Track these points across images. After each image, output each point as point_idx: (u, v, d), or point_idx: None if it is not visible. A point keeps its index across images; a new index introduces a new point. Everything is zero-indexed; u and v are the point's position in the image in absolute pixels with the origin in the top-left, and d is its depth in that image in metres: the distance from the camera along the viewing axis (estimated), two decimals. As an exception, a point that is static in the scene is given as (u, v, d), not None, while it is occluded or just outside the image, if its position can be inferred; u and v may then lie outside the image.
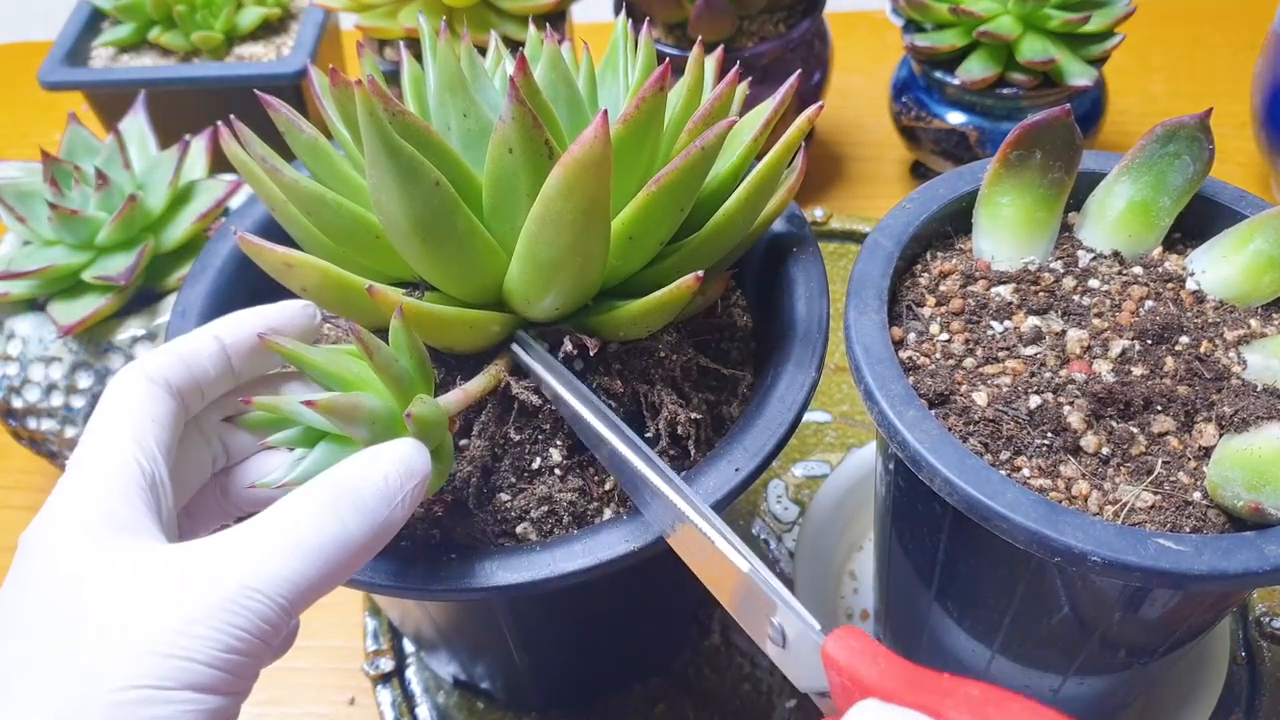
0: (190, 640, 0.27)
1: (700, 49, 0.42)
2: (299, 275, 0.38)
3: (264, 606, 0.29)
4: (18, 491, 0.71)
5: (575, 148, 0.33)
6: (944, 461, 0.36)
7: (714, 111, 0.39)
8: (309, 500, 0.31)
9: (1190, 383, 0.39)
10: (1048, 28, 0.72)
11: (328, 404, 0.32)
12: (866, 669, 0.27)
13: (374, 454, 0.32)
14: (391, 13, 0.73)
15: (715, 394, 0.43)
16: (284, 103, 0.39)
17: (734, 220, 0.40)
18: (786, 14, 0.79)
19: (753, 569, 0.31)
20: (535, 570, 0.36)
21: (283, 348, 0.34)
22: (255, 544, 0.29)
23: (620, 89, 0.43)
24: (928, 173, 0.87)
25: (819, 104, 0.42)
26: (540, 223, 0.35)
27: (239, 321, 0.36)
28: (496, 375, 0.39)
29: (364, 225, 0.38)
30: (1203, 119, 0.42)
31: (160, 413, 0.33)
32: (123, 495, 0.30)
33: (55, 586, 0.28)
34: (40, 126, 0.99)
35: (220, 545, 0.30)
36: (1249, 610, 0.57)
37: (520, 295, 0.38)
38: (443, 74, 0.38)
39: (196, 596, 0.28)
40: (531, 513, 0.39)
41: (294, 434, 0.35)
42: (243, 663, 0.28)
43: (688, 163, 0.35)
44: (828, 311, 0.43)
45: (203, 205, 0.61)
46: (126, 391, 0.33)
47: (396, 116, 0.34)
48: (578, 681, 0.57)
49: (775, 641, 0.31)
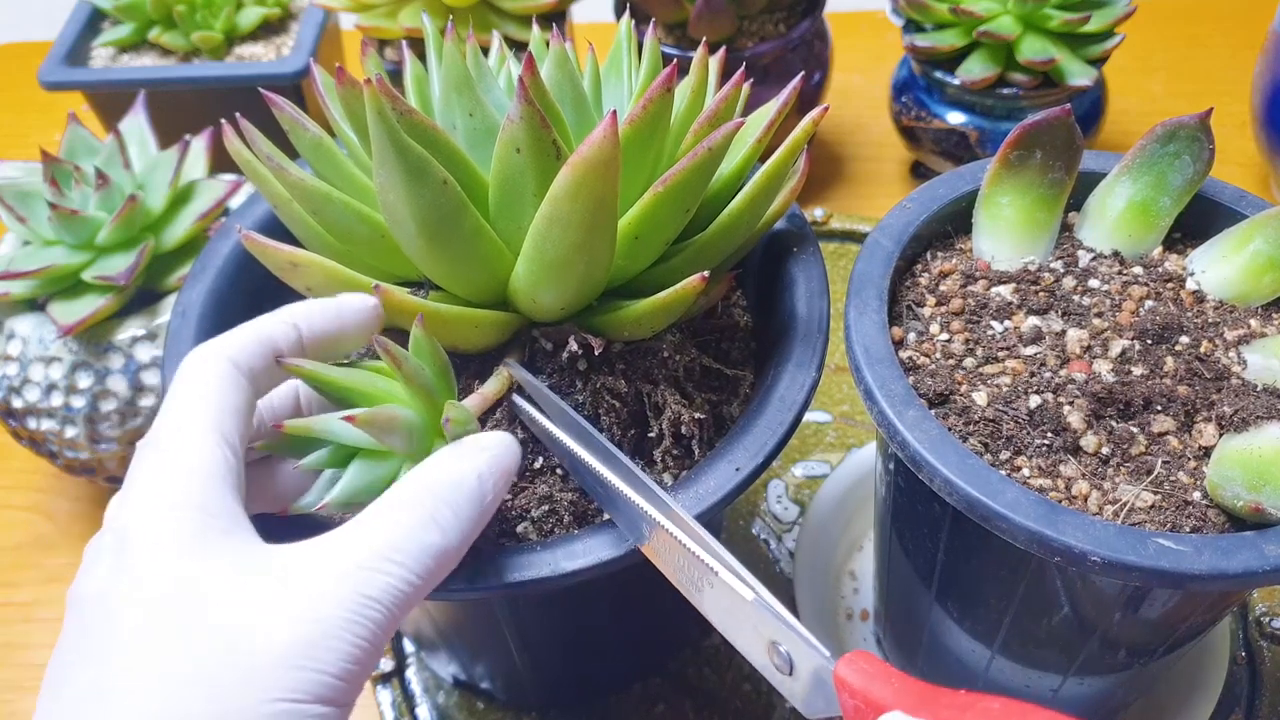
0: (321, 652, 0.27)
1: (705, 50, 0.42)
2: (304, 275, 0.38)
3: (380, 615, 0.28)
4: (18, 491, 0.71)
5: (584, 148, 0.33)
6: (944, 461, 0.36)
7: (720, 113, 0.39)
8: (414, 504, 0.30)
9: (1190, 383, 0.39)
10: (1048, 28, 0.72)
11: (368, 417, 0.32)
12: (881, 690, 0.27)
13: (467, 451, 0.32)
14: (392, 13, 0.73)
15: (717, 394, 0.43)
16: (288, 101, 0.39)
17: (739, 221, 0.40)
18: (786, 14, 0.79)
19: (758, 598, 0.31)
20: (535, 570, 0.36)
21: (301, 369, 0.34)
22: (371, 551, 0.29)
23: (625, 90, 0.43)
24: (928, 173, 0.87)
25: (824, 106, 0.42)
26: (548, 222, 0.35)
27: (320, 311, 0.35)
28: (509, 377, 0.39)
29: (369, 224, 0.38)
30: (1203, 119, 0.42)
31: (240, 403, 0.32)
32: (218, 490, 0.30)
33: (168, 586, 0.28)
34: (40, 126, 0.99)
35: (336, 551, 0.29)
36: (1249, 610, 0.57)
37: (526, 295, 0.38)
38: (449, 73, 0.38)
39: (323, 607, 0.28)
40: (532, 512, 0.39)
41: (325, 454, 0.34)
42: (360, 672, 0.28)
43: (695, 163, 0.35)
44: (828, 311, 0.43)
45: (203, 205, 0.61)
46: (208, 375, 0.32)
47: (404, 116, 0.34)
48: (578, 681, 0.57)
49: (781, 669, 0.31)
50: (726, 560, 0.32)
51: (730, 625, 0.32)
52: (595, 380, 0.40)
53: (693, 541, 0.33)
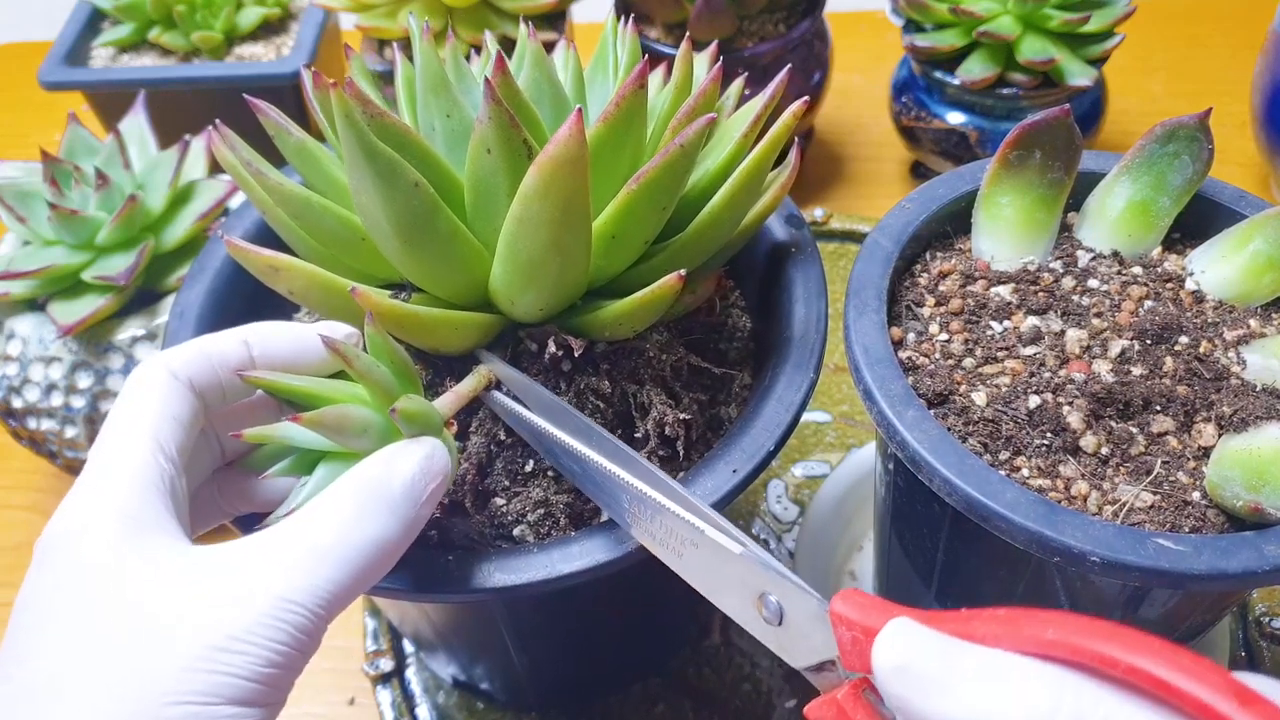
0: (233, 656, 0.27)
1: (689, 45, 0.42)
2: (285, 278, 0.38)
3: (302, 618, 0.28)
4: (18, 491, 0.71)
5: (550, 147, 0.32)
6: (943, 461, 0.36)
7: (697, 108, 0.39)
8: (339, 505, 0.30)
9: (1190, 383, 0.39)
10: (1048, 28, 0.72)
11: (314, 416, 0.31)
12: (879, 617, 0.27)
13: (395, 453, 0.32)
14: (391, 13, 0.73)
15: (708, 394, 0.43)
16: (272, 105, 0.39)
17: (719, 219, 0.39)
18: (786, 14, 0.79)
19: (747, 550, 0.31)
20: (532, 572, 0.36)
21: (260, 379, 0.34)
22: (290, 553, 0.29)
23: (610, 88, 0.42)
24: (928, 173, 0.87)
25: (804, 99, 0.41)
26: (519, 223, 0.35)
27: (274, 332, 0.36)
28: (487, 375, 0.39)
29: (349, 228, 0.38)
30: (1203, 119, 0.42)
31: (181, 412, 0.33)
32: (146, 495, 0.30)
33: (91, 585, 0.28)
34: (40, 126, 0.99)
35: (254, 553, 0.29)
36: (1249, 610, 0.57)
37: (504, 296, 0.38)
38: (425, 75, 0.37)
39: (237, 610, 0.28)
40: (528, 515, 0.39)
41: (291, 462, 0.34)
42: (281, 675, 0.28)
43: (667, 161, 0.35)
44: (825, 312, 0.43)
45: (203, 205, 0.61)
46: (149, 385, 0.32)
47: (375, 119, 0.34)
48: (577, 682, 0.57)
49: (770, 621, 0.31)
50: (711, 518, 0.32)
51: (714, 585, 0.33)
52: (579, 381, 0.40)
53: (674, 504, 0.33)
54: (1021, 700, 0.23)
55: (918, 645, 0.26)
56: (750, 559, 0.31)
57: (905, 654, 0.26)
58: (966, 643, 0.25)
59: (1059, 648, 0.23)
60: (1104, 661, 0.22)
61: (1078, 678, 0.23)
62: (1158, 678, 0.22)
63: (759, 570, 0.31)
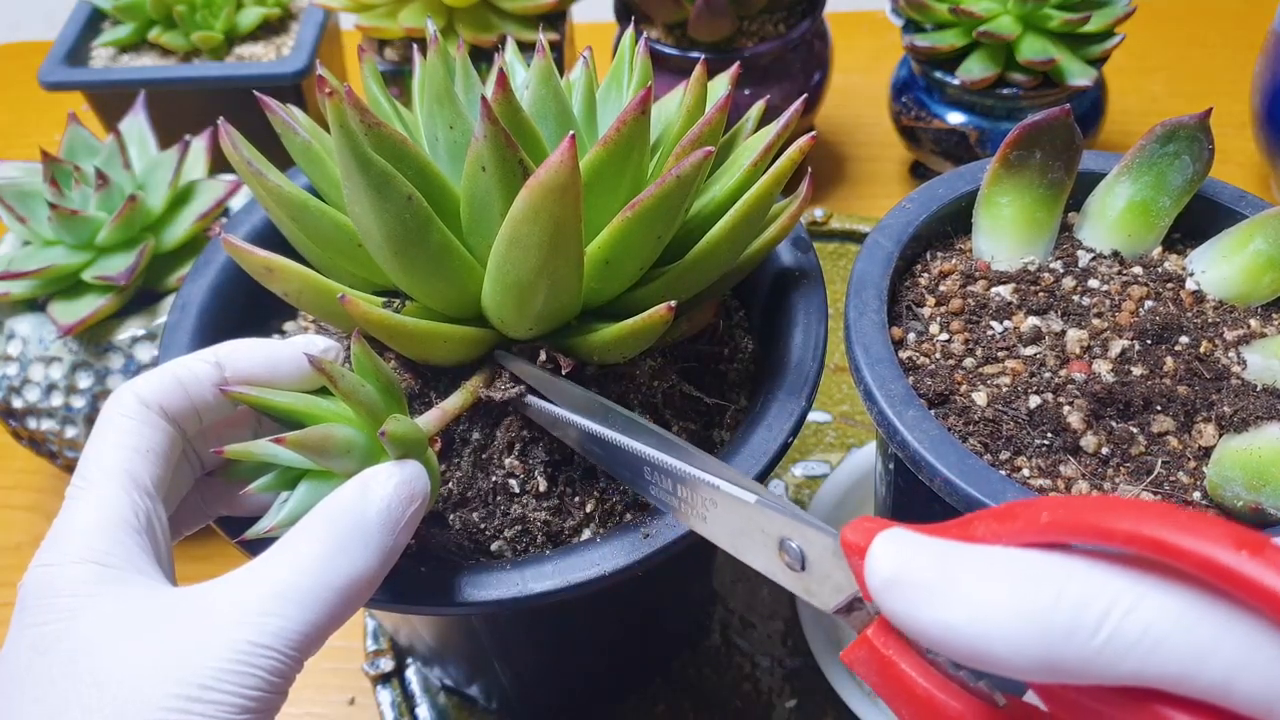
0: (205, 705, 0.27)
1: (703, 68, 0.41)
2: (280, 279, 0.38)
3: (275, 663, 0.28)
4: (18, 491, 0.71)
5: (541, 172, 0.32)
6: (944, 461, 0.36)
7: (701, 137, 0.38)
8: (313, 540, 0.30)
9: (1190, 383, 0.39)
10: (1048, 28, 0.72)
11: (297, 439, 0.31)
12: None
13: (370, 480, 0.31)
14: (391, 13, 0.73)
15: (700, 420, 0.43)
16: (281, 104, 0.38)
17: (717, 249, 0.39)
18: (786, 14, 0.79)
19: (760, 498, 0.31)
20: (503, 589, 0.35)
21: (244, 395, 0.33)
22: (261, 596, 0.29)
23: (623, 105, 0.42)
24: (928, 173, 0.87)
25: (811, 134, 0.40)
26: (508, 244, 0.34)
27: (246, 350, 0.35)
28: (473, 391, 0.38)
29: (345, 233, 0.38)
30: (1203, 119, 0.42)
31: (155, 443, 0.32)
32: (116, 535, 0.30)
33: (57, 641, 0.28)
34: (40, 126, 0.99)
35: (227, 595, 0.29)
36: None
37: (495, 313, 0.38)
38: (429, 84, 0.37)
39: (207, 658, 0.27)
40: (505, 532, 0.39)
41: (273, 478, 0.34)
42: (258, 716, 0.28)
43: (661, 191, 0.35)
44: (824, 339, 0.43)
45: (203, 205, 0.61)
46: (121, 419, 0.32)
47: (372, 129, 0.34)
48: (562, 695, 0.56)
49: (793, 567, 0.31)
50: (730, 475, 0.32)
51: (739, 543, 0.32)
52: None
53: (693, 469, 0.33)
54: (1022, 596, 0.21)
55: (908, 553, 0.24)
56: (764, 505, 0.30)
57: (896, 565, 0.24)
58: (960, 543, 0.24)
59: (1056, 529, 0.22)
60: (1101, 533, 0.21)
61: (1078, 562, 0.22)
62: (1154, 539, 0.20)
63: (774, 515, 0.30)
